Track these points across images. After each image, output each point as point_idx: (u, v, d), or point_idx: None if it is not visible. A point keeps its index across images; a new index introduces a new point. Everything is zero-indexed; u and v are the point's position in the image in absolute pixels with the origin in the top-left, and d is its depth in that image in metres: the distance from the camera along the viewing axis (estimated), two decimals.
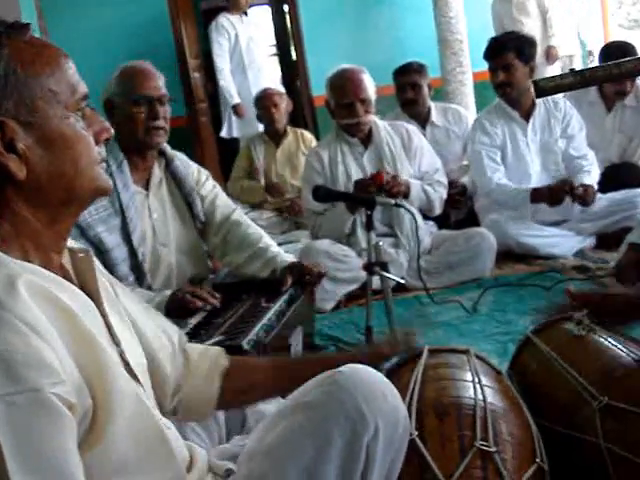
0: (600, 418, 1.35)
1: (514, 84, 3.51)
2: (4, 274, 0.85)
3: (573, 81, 1.46)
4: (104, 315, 1.00)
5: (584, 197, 3.38)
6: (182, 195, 2.51)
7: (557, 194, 3.41)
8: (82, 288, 0.99)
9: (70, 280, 0.98)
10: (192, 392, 1.27)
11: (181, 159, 2.55)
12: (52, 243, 0.98)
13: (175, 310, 2.18)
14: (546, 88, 1.44)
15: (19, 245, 0.93)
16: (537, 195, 3.45)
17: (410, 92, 4.07)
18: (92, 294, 1.00)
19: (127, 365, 1.00)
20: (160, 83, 2.39)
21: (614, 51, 3.80)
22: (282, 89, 5.83)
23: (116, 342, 0.99)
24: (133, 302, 1.18)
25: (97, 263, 1.07)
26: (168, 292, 2.26)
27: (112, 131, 1.04)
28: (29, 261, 0.93)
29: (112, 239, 2.26)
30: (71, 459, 0.82)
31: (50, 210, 0.96)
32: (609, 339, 1.56)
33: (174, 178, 2.50)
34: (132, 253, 2.33)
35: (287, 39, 6.97)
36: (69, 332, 0.88)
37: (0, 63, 0.90)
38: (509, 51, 3.48)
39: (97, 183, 1.00)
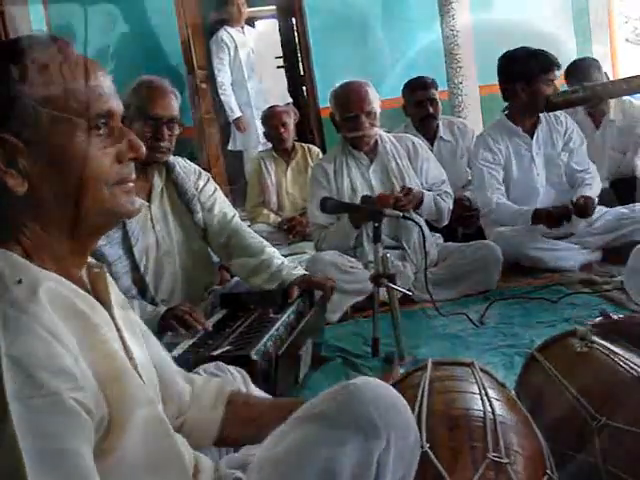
0: (599, 438, 1.31)
1: None
2: (27, 280, 0.87)
3: (583, 96, 1.46)
4: (118, 329, 1.01)
5: (583, 208, 3.37)
6: (184, 203, 2.51)
7: (556, 219, 3.41)
8: (97, 301, 1.00)
9: (87, 292, 0.99)
10: (197, 416, 1.27)
11: (182, 165, 2.55)
12: (71, 258, 0.98)
13: (165, 329, 2.18)
14: (557, 102, 1.44)
15: (39, 257, 0.94)
16: (538, 216, 3.43)
17: (430, 107, 4.10)
18: (106, 308, 1.01)
19: (140, 377, 1.00)
20: (173, 103, 2.39)
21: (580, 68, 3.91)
22: (288, 98, 5.87)
23: (129, 355, 1.00)
24: (141, 324, 1.20)
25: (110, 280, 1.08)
26: (162, 309, 2.25)
27: (143, 150, 1.00)
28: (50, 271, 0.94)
29: (113, 252, 2.26)
30: (87, 462, 0.83)
31: (61, 228, 0.96)
32: (610, 355, 1.51)
33: (175, 186, 2.50)
34: (134, 266, 2.33)
35: (294, 52, 7.00)
36: (87, 340, 0.89)
37: (8, 82, 0.90)
38: None
39: (109, 205, 0.97)
